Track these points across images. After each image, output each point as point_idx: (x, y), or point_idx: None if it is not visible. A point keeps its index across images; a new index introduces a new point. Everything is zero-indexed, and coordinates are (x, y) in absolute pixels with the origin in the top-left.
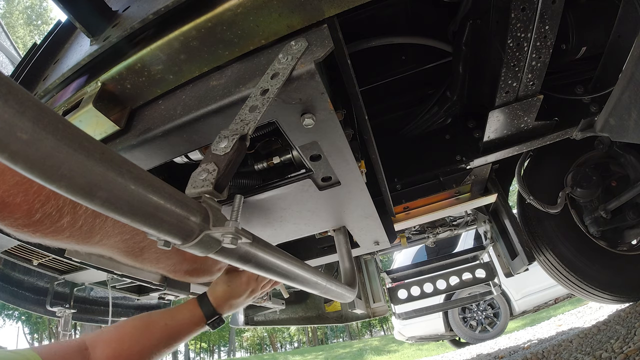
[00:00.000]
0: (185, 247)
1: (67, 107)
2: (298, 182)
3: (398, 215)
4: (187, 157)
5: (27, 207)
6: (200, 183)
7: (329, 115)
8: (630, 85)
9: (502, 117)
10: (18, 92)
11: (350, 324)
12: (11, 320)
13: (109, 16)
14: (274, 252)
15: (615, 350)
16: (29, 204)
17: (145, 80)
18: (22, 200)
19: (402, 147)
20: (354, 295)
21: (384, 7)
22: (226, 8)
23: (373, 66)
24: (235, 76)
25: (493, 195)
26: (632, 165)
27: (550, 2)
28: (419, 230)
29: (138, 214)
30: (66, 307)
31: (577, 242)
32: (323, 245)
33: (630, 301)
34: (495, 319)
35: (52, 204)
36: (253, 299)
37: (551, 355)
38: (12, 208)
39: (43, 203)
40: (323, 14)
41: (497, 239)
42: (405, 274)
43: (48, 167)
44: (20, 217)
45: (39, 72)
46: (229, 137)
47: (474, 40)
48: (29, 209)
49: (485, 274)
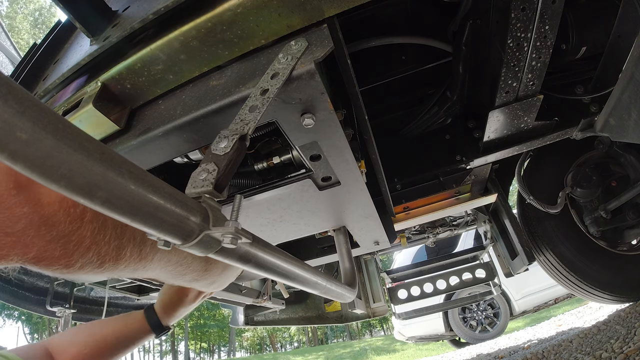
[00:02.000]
0: (185, 247)
1: (67, 107)
2: (298, 182)
3: (398, 215)
4: (187, 157)
5: (65, 261)
6: (200, 183)
7: (329, 115)
8: (630, 85)
9: (502, 117)
10: (18, 92)
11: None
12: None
13: (109, 16)
14: (274, 252)
15: (615, 350)
16: (68, 257)
17: (145, 80)
18: (60, 255)
19: (402, 147)
20: (354, 295)
21: (384, 7)
22: (226, 8)
23: (373, 66)
24: (235, 76)
25: (493, 195)
26: (632, 165)
27: (550, 2)
28: (419, 230)
29: (138, 214)
30: (66, 307)
31: (577, 242)
32: (323, 245)
33: (630, 301)
34: (495, 319)
35: (93, 253)
36: (200, 301)
37: (551, 355)
38: (49, 261)
39: (83, 254)
40: (323, 14)
41: (497, 239)
42: (405, 274)
43: (48, 167)
44: (58, 268)
45: (39, 72)
46: (228, 137)
47: (474, 40)
48: (67, 262)
49: (485, 274)
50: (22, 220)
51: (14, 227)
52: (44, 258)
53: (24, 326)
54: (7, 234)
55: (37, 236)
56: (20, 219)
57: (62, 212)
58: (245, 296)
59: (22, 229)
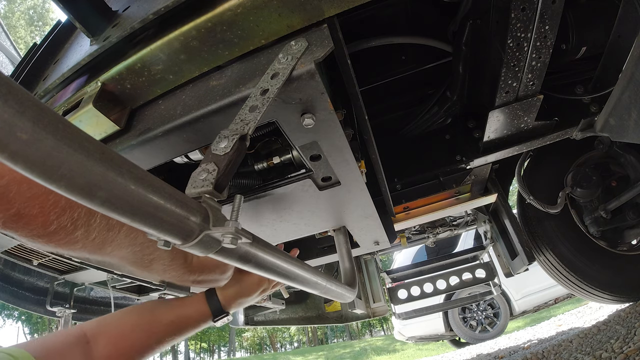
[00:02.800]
0: (185, 247)
1: (67, 107)
2: (298, 182)
3: (398, 215)
4: (187, 157)
5: (42, 219)
6: (200, 183)
7: (329, 115)
8: (630, 85)
9: (502, 117)
10: (18, 92)
11: (350, 324)
12: (11, 320)
13: (109, 16)
14: (274, 252)
15: (615, 350)
16: (45, 215)
17: (145, 80)
18: (38, 212)
19: (402, 147)
20: (354, 295)
21: (384, 7)
22: (226, 8)
23: (373, 66)
24: (235, 76)
25: (493, 195)
26: (632, 165)
27: (550, 2)
28: (419, 230)
29: (138, 214)
30: (66, 307)
31: (577, 242)
32: (323, 245)
33: (630, 301)
34: (495, 319)
35: (67, 216)
36: (263, 297)
37: (551, 355)
38: (28, 219)
39: (59, 215)
40: (323, 14)
41: (497, 239)
42: (405, 274)
43: (48, 167)
44: (35, 228)
45: (39, 72)
46: (229, 137)
47: (474, 40)
48: (44, 221)
49: (485, 274)
50: (5, 176)
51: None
52: (23, 215)
53: (24, 326)
54: None
55: (19, 192)
56: (4, 176)
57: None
58: None
59: (5, 185)
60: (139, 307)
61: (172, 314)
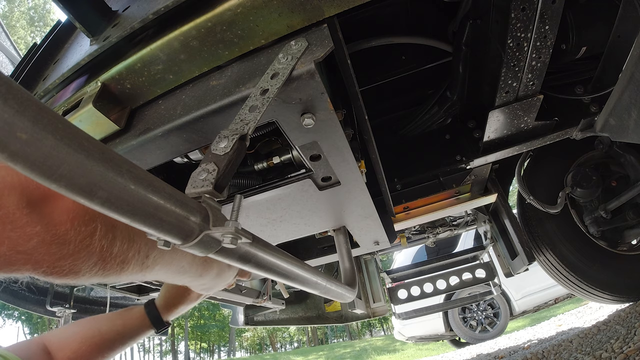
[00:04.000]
0: (185, 247)
1: (67, 107)
2: (298, 182)
3: (398, 215)
4: (187, 157)
5: (73, 275)
6: (200, 183)
7: (329, 115)
8: (630, 85)
9: (502, 117)
10: (18, 92)
11: (350, 324)
12: (11, 320)
13: (109, 16)
14: (274, 252)
15: (615, 350)
16: (76, 272)
17: (145, 80)
18: (69, 270)
19: (402, 147)
20: (354, 295)
21: (384, 7)
22: (226, 8)
23: (373, 66)
24: (235, 76)
25: (493, 195)
26: (632, 165)
27: (550, 2)
28: (419, 230)
29: (138, 214)
30: (66, 307)
31: (577, 242)
32: (323, 245)
33: (630, 301)
34: (495, 319)
35: (99, 268)
36: (202, 299)
37: (551, 355)
38: (59, 275)
39: (90, 269)
40: (323, 13)
41: (497, 239)
42: (405, 274)
43: (48, 167)
44: (66, 280)
45: (39, 72)
46: (228, 137)
47: (474, 40)
48: (75, 276)
49: (485, 274)
50: (34, 238)
51: (26, 245)
52: (53, 272)
53: (24, 326)
54: (18, 252)
55: (48, 254)
56: (32, 238)
57: (73, 231)
58: (245, 296)
59: (33, 247)
60: (87, 320)
61: (115, 327)
